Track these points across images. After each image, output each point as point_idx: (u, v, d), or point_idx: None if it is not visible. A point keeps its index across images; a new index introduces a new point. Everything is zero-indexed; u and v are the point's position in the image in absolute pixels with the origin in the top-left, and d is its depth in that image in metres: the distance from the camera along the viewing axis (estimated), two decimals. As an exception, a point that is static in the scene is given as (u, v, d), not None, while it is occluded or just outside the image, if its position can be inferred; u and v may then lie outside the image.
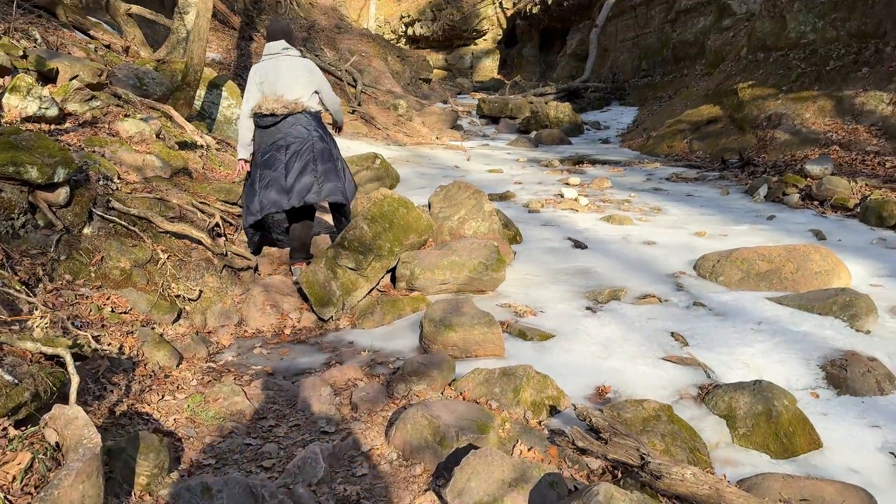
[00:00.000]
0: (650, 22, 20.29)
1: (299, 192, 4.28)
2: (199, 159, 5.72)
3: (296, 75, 4.42)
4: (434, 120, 15.87)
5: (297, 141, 4.35)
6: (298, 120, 4.38)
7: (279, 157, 4.32)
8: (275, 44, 4.52)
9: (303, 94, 4.42)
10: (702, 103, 10.51)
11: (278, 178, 4.28)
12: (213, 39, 14.38)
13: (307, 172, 4.31)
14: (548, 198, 7.57)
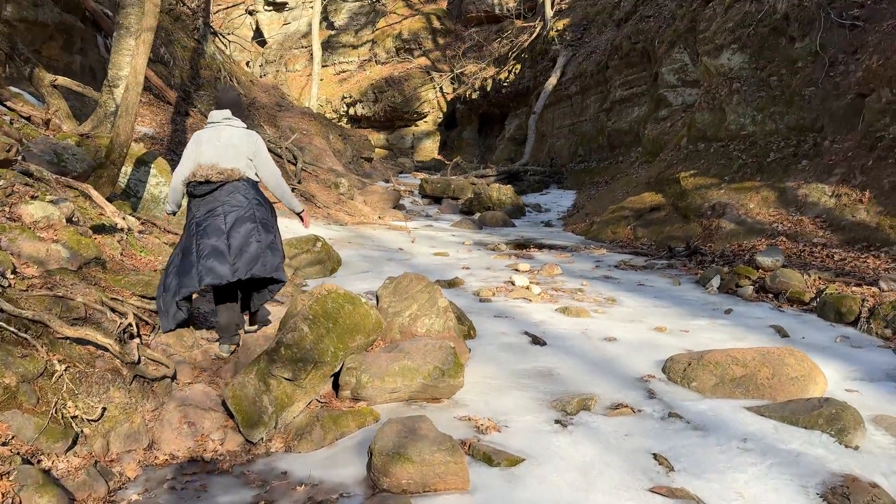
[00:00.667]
0: (586, 110, 20.84)
1: (246, 264, 4.10)
2: (117, 245, 5.08)
3: (234, 144, 4.29)
4: (376, 199, 15.52)
5: (235, 209, 4.18)
6: (236, 188, 4.23)
7: (219, 226, 4.11)
8: (218, 112, 4.43)
9: (239, 162, 4.26)
10: (644, 191, 10.50)
11: (220, 248, 4.06)
12: (146, 114, 13.80)
13: (252, 243, 4.15)
14: (498, 285, 7.17)
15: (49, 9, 12.21)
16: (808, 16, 8.28)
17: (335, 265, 8.09)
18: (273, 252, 4.26)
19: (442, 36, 33.62)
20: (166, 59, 15.57)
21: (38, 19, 11.92)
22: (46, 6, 12.18)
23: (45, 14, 12.06)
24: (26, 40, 11.86)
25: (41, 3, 12.10)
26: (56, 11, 12.36)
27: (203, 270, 4.01)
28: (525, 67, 25.88)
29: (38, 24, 11.94)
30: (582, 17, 22.42)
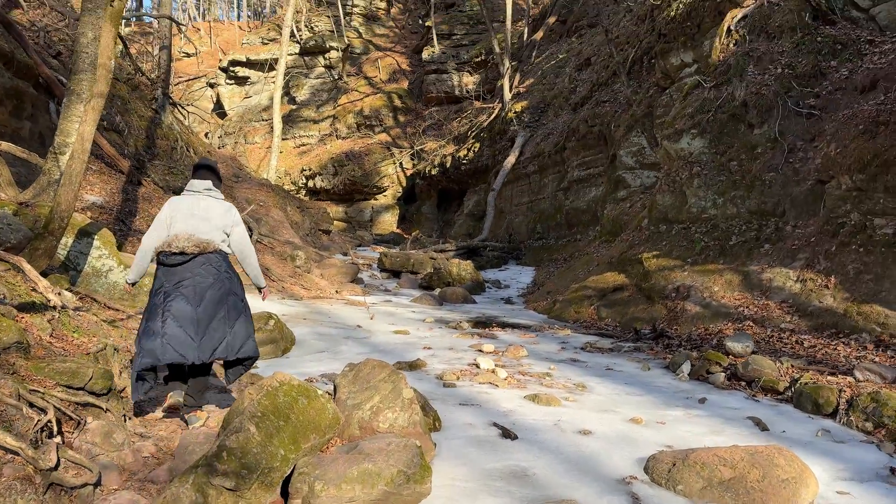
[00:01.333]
0: (544, 189, 21.06)
1: (211, 346, 4.03)
2: (47, 325, 4.55)
3: (212, 216, 4.26)
4: (334, 272, 15.09)
5: (206, 284, 4.10)
6: (209, 260, 4.16)
7: (187, 301, 4.03)
8: (199, 182, 4.39)
9: (215, 235, 4.23)
10: (606, 270, 10.37)
11: (185, 326, 3.97)
12: (96, 182, 13.27)
13: (218, 323, 4.07)
14: (463, 368, 6.77)
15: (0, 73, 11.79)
16: (766, 104, 8.46)
17: (289, 345, 7.60)
18: (242, 330, 4.21)
19: (403, 114, 34.14)
20: (121, 127, 15.17)
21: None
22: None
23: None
24: (-28, 104, 11.37)
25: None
26: (7, 76, 11.94)
27: (166, 347, 3.91)
28: (484, 146, 26.27)
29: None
30: (539, 101, 22.99)
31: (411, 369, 6.72)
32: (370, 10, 39.39)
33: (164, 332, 3.95)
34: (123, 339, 6.05)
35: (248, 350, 4.25)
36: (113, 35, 5.62)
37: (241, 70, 38.75)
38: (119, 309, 6.97)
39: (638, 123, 12.99)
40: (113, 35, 5.62)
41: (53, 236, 6.00)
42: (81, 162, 5.90)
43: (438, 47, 32.50)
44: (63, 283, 6.39)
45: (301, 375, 6.39)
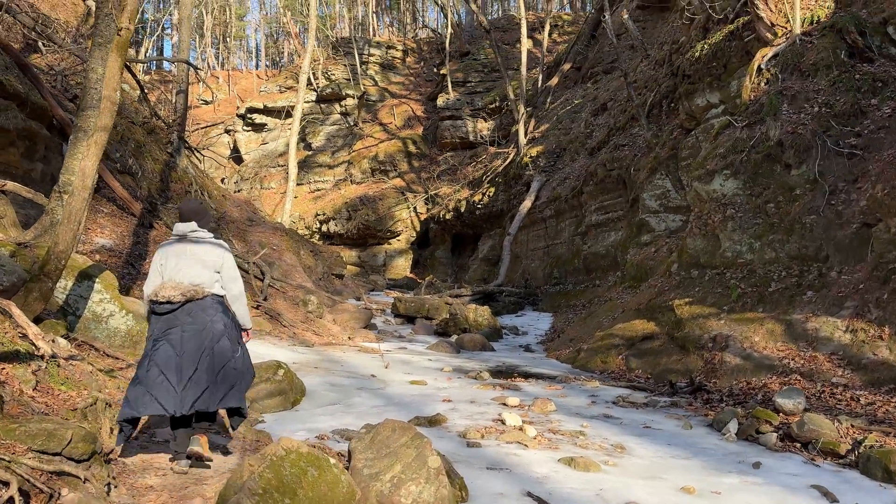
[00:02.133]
0: (560, 233, 20.60)
1: (192, 397, 3.89)
2: (30, 377, 4.06)
3: (200, 258, 4.18)
4: (347, 318, 14.58)
5: (191, 332, 3.99)
6: (199, 306, 4.07)
7: (172, 352, 3.94)
8: (183, 225, 4.32)
9: (204, 278, 4.15)
10: (633, 318, 9.79)
11: (168, 374, 3.88)
12: (107, 224, 12.95)
13: (202, 373, 3.94)
14: (487, 424, 6.18)
15: (13, 114, 11.58)
16: (803, 143, 8.00)
17: (298, 396, 7.04)
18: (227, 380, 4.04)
19: (417, 159, 34.08)
20: (134, 170, 14.94)
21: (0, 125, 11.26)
22: (10, 112, 11.55)
23: (6, 120, 11.40)
24: (-17, 145, 11.14)
25: (4, 109, 11.48)
26: (20, 118, 11.74)
27: (146, 397, 3.82)
28: (499, 191, 25.96)
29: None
30: (555, 145, 22.74)
31: (431, 425, 6.14)
32: (386, 59, 39.80)
33: (147, 380, 3.86)
34: (120, 390, 5.54)
35: (231, 400, 4.06)
36: (119, 66, 5.28)
37: (258, 117, 39.06)
38: (119, 357, 6.47)
39: (662, 166, 12.57)
40: (119, 66, 5.28)
41: (49, 278, 5.56)
42: (82, 199, 5.49)
43: (453, 94, 32.59)
44: (59, 329, 5.92)
45: (312, 432, 5.83)
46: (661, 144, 12.94)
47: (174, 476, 3.93)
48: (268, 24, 53.16)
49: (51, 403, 3.90)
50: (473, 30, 39.95)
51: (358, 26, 47.23)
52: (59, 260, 5.54)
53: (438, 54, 38.44)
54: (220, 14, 49.81)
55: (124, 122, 16.21)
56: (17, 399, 3.54)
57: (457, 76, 33.44)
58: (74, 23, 18.12)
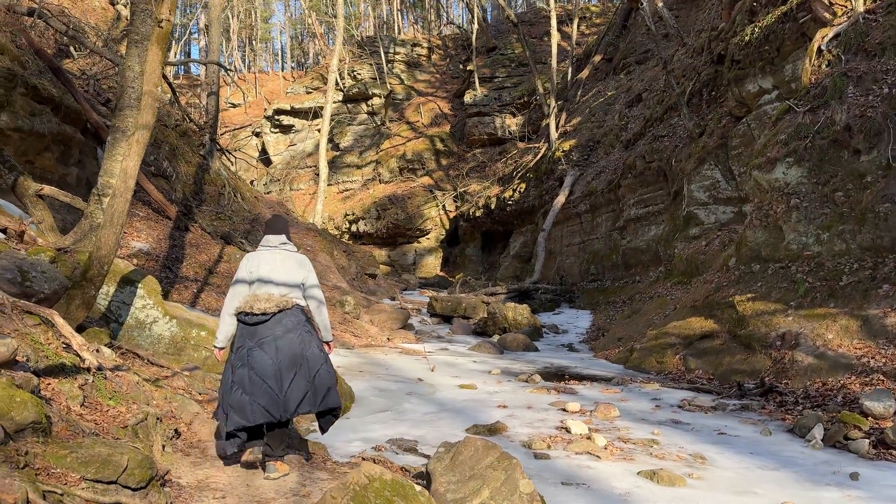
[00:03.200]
0: (596, 228, 20.08)
1: (294, 401, 4.02)
2: (77, 392, 3.76)
3: (289, 271, 4.31)
4: (384, 318, 14.26)
5: (287, 340, 4.10)
6: (288, 316, 4.18)
7: (270, 360, 4.04)
8: (274, 237, 4.43)
9: (294, 290, 4.29)
10: (689, 315, 9.30)
11: (269, 382, 3.99)
12: (143, 228, 12.78)
13: (301, 379, 4.08)
14: (551, 433, 5.79)
15: (47, 119, 11.44)
16: (873, 127, 7.46)
17: (348, 403, 6.71)
18: (323, 382, 4.20)
19: (445, 157, 33.70)
20: (169, 173, 14.80)
21: (34, 129, 11.11)
22: (44, 116, 11.42)
23: (41, 124, 11.27)
24: (18, 150, 11.00)
25: (39, 113, 11.35)
26: (55, 122, 11.60)
27: (255, 406, 3.92)
28: (530, 186, 25.48)
29: (33, 135, 11.12)
30: (588, 139, 22.19)
31: (491, 434, 5.75)
32: (412, 57, 39.47)
33: (252, 390, 3.97)
34: (168, 401, 5.25)
35: (331, 402, 4.22)
36: (160, 60, 4.98)
37: (285, 119, 39.00)
38: (163, 365, 6.20)
39: (710, 156, 12.02)
40: (160, 60, 4.98)
41: (92, 285, 5.28)
42: (125, 201, 5.21)
43: (480, 90, 32.13)
44: (103, 337, 5.65)
45: (367, 442, 5.49)
46: (709, 133, 12.38)
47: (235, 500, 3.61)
48: (293, 26, 53.17)
49: (100, 421, 3.60)
50: (500, 24, 39.43)
51: (383, 25, 46.96)
52: (102, 265, 5.26)
53: (464, 51, 37.98)
54: (246, 17, 49.93)
55: (157, 126, 16.08)
56: (64, 419, 3.23)
57: (484, 72, 32.96)
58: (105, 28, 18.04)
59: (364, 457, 4.96)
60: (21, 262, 5.18)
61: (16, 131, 10.82)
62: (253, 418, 3.92)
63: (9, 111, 10.84)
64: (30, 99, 11.29)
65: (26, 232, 6.35)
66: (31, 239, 6.41)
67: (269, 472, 4.08)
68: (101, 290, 6.08)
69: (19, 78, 11.12)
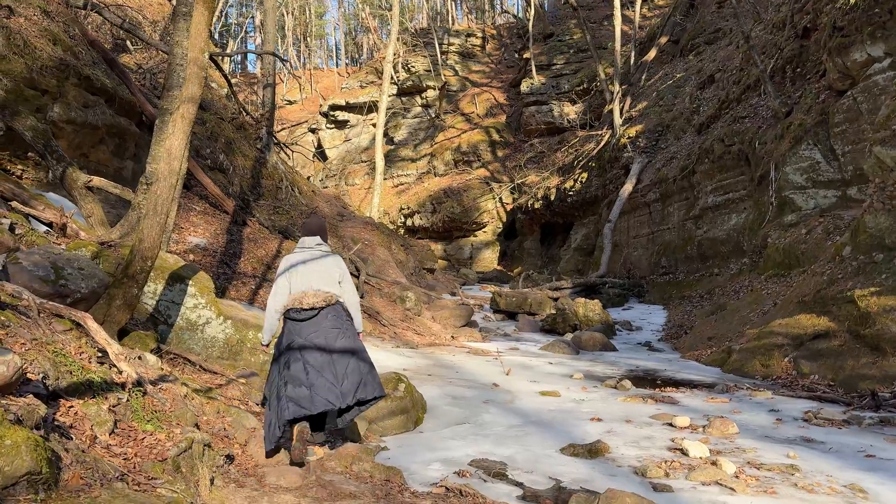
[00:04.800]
0: (668, 218, 18.80)
1: (351, 390, 4.27)
2: (107, 416, 3.03)
3: (327, 269, 4.51)
4: (446, 315, 13.46)
5: (335, 334, 4.33)
6: (334, 310, 4.41)
7: (323, 352, 4.26)
8: (309, 239, 4.62)
9: (334, 287, 4.47)
10: (797, 312, 8.15)
11: (325, 373, 4.22)
12: (199, 223, 12.29)
13: (354, 369, 4.33)
14: (663, 455, 4.84)
15: (101, 111, 11.00)
16: None
17: (420, 413, 5.90)
18: (371, 372, 4.47)
19: (501, 148, 32.71)
20: (225, 166, 14.32)
21: (88, 121, 10.67)
22: (98, 108, 10.98)
23: (95, 116, 10.83)
24: (72, 143, 10.59)
25: (92, 105, 10.92)
26: (109, 114, 11.16)
27: (315, 397, 4.13)
28: (592, 176, 24.27)
29: (86, 127, 10.69)
30: (656, 123, 20.86)
31: (592, 456, 4.84)
32: (466, 47, 38.54)
33: (311, 382, 4.17)
34: (220, 416, 4.52)
35: (379, 390, 4.51)
36: (206, 21, 4.24)
37: (340, 114, 38.67)
38: (217, 372, 5.50)
39: (808, 135, 10.73)
40: (206, 21, 4.24)
41: (135, 282, 4.60)
42: (169, 186, 4.50)
43: (538, 78, 30.97)
44: (149, 341, 4.98)
45: (448, 464, 4.66)
46: (805, 110, 11.08)
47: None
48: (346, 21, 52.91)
49: (132, 455, 2.86)
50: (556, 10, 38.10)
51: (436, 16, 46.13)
52: (146, 259, 4.57)
53: (519, 39, 36.83)
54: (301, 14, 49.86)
55: (213, 119, 15.65)
56: (80, 459, 2.47)
57: (541, 60, 31.78)
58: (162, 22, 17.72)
59: (447, 486, 4.13)
60: (56, 257, 4.53)
61: (69, 123, 10.41)
62: (314, 407, 4.12)
63: (62, 102, 10.44)
64: (83, 90, 10.89)
65: (69, 225, 5.75)
66: (75, 233, 5.81)
67: (308, 456, 4.25)
68: (148, 289, 5.43)
69: (72, 68, 10.71)
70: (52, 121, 10.24)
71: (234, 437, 4.20)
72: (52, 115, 10.32)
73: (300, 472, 3.95)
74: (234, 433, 4.25)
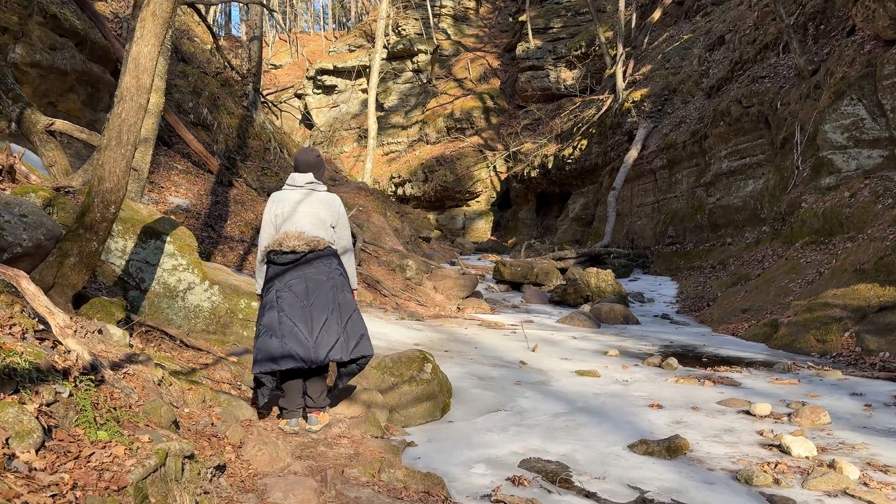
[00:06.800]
0: (675, 186, 17.83)
1: (326, 346, 3.63)
2: (32, 425, 1.97)
3: (315, 210, 3.87)
4: (450, 285, 12.44)
5: (317, 282, 3.75)
6: (320, 257, 3.82)
7: (300, 303, 3.67)
8: (300, 176, 3.98)
9: (324, 231, 3.87)
10: (855, 281, 7.23)
11: (298, 324, 3.63)
12: (182, 182, 11.10)
13: (332, 324, 3.70)
14: (757, 453, 3.88)
15: (70, 55, 9.72)
16: None
17: (447, 398, 4.89)
18: (356, 329, 3.80)
19: (495, 115, 31.47)
20: (209, 121, 13.06)
21: (55, 65, 9.41)
22: (67, 52, 9.69)
23: (64, 61, 9.56)
24: (38, 90, 9.32)
25: (60, 48, 9.63)
26: (80, 59, 9.87)
27: (285, 348, 3.57)
28: (592, 143, 23.20)
29: (54, 71, 9.42)
30: (663, 87, 19.77)
31: (671, 455, 3.87)
32: (459, 10, 36.97)
33: (283, 332, 3.60)
34: (207, 407, 3.50)
35: (363, 349, 3.81)
36: None
37: (328, 79, 37.10)
38: (202, 349, 4.45)
39: (851, 89, 9.73)
40: None
41: (94, 233, 3.51)
42: (138, 106, 3.38)
43: (534, 42, 29.65)
44: (115, 310, 3.91)
45: (491, 465, 3.68)
46: (849, 62, 10.05)
47: None
48: (333, -16, 50.86)
49: (68, 484, 1.81)
50: (553, -27, 36.54)
51: (428, -22, 44.26)
52: (108, 205, 3.47)
53: (514, 1, 35.35)
54: (286, -25, 47.77)
55: (196, 73, 14.33)
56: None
57: (537, 23, 30.41)
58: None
59: (504, 501, 3.14)
60: (-10, 201, 3.42)
61: (33, 66, 9.14)
62: (283, 363, 3.56)
63: (24, 43, 9.15)
64: (49, 30, 9.58)
65: (17, 167, 4.60)
66: (24, 176, 4.67)
67: (311, 424, 3.75)
68: (116, 246, 4.33)
69: (36, 5, 9.41)
70: (14, 63, 8.97)
71: (226, 436, 3.17)
72: (13, 57, 9.04)
73: (315, 485, 2.93)
74: (224, 430, 3.22)
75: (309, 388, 3.83)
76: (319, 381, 3.86)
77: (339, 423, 3.89)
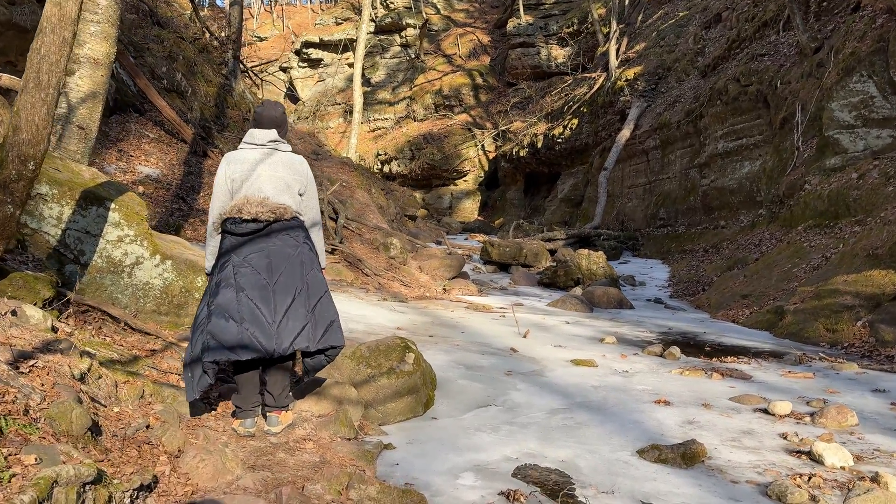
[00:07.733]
0: (668, 167, 17.33)
1: (290, 334, 3.08)
2: None
3: (280, 174, 3.30)
4: (435, 265, 11.88)
5: (283, 260, 3.17)
6: (285, 228, 3.25)
7: (262, 282, 3.10)
8: (261, 132, 3.34)
9: (288, 197, 3.29)
10: (867, 267, 6.76)
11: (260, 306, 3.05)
12: (153, 151, 10.40)
13: (299, 307, 3.14)
14: (786, 462, 3.39)
15: (30, 10, 8.94)
16: None
17: (430, 391, 4.34)
18: (325, 314, 3.24)
19: (485, 92, 30.74)
20: (183, 87, 12.30)
21: (13, 21, 8.63)
22: (26, 6, 8.94)
23: (24, 16, 8.78)
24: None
25: (20, 2, 8.87)
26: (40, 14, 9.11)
27: (244, 334, 2.98)
28: (583, 122, 22.62)
29: (12, 28, 8.66)
30: (657, 65, 19.19)
31: (688, 463, 3.35)
32: (449, -17, 35.99)
33: (241, 315, 2.98)
34: (146, 404, 2.95)
35: (333, 339, 3.23)
36: None
37: (314, 52, 36.08)
38: (150, 332, 3.86)
39: (861, 65, 9.21)
40: None
41: (9, 194, 2.90)
42: (61, 40, 2.76)
43: (525, 18, 28.88)
44: (41, 288, 3.31)
45: (481, 473, 3.14)
46: (859, 37, 9.53)
47: None
48: (321, -45, 49.38)
49: None
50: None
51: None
52: (25, 160, 2.85)
53: (506, -22, 34.44)
54: (272, -56, 46.27)
55: (171, 37, 13.51)
56: None
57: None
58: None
59: (499, 521, 2.61)
60: None
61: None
62: (241, 353, 2.99)
63: (-25, -7, 8.39)
64: (4, -19, 8.82)
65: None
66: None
67: (270, 426, 3.20)
68: (51, 212, 3.72)
69: (-11, -48, 8.62)
70: (-36, 15, 8.22)
71: (161, 443, 2.60)
72: (-38, 9, 8.29)
73: (268, 507, 2.37)
74: (160, 434, 2.65)
75: (269, 382, 3.24)
76: (281, 374, 3.26)
77: (304, 423, 3.33)
